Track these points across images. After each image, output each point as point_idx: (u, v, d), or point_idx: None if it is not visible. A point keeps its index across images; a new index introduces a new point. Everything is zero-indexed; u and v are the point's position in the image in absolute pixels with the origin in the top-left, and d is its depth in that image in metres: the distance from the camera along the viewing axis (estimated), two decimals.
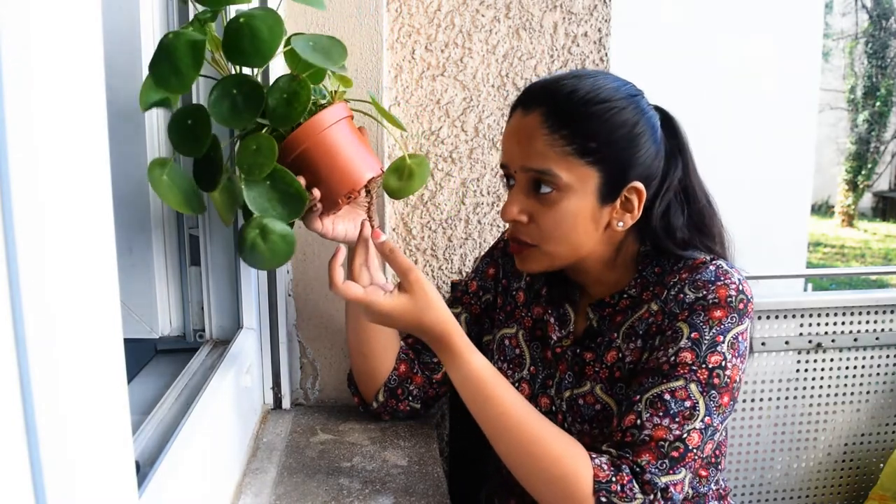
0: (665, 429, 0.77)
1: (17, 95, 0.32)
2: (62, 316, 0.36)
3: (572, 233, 0.84)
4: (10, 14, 0.31)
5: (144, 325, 0.96)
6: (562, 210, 0.82)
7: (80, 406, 0.38)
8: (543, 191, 0.82)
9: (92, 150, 0.40)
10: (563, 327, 0.93)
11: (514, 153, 0.84)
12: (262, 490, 0.87)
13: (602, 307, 0.90)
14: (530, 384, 0.94)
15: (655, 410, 0.78)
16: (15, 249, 0.32)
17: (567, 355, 0.91)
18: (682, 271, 0.84)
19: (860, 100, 10.17)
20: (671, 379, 0.78)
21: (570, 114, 0.81)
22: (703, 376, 0.78)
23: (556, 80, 0.85)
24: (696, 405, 0.77)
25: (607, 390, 0.87)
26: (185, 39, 0.70)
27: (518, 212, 0.84)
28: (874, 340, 1.54)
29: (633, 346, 0.86)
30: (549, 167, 0.81)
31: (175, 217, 1.00)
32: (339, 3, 1.10)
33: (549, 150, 0.81)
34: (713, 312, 0.80)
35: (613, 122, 0.81)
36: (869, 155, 10.23)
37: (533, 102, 0.83)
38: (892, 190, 11.36)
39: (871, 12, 10.18)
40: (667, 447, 0.76)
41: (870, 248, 9.07)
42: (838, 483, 1.61)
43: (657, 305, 0.85)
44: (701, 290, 0.81)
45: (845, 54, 10.33)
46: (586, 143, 0.81)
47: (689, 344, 0.79)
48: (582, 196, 0.82)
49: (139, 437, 0.70)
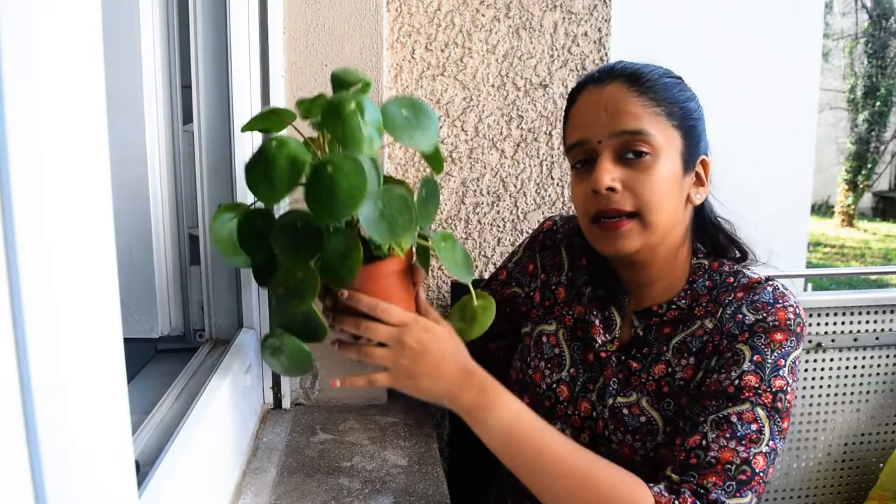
0: (732, 451, 0.75)
1: (17, 95, 0.32)
2: (62, 316, 0.36)
3: (669, 199, 0.82)
4: (11, 14, 0.31)
5: (144, 325, 0.96)
6: (658, 173, 0.80)
7: (80, 406, 0.38)
8: (636, 156, 0.80)
9: (92, 150, 0.40)
10: (609, 332, 0.91)
11: (600, 122, 0.82)
12: (262, 490, 0.87)
13: (649, 316, 0.88)
14: (570, 386, 0.91)
15: (722, 432, 0.76)
16: (15, 249, 0.32)
17: (612, 361, 0.89)
18: (737, 290, 0.84)
19: (860, 100, 10.17)
20: (737, 402, 0.77)
21: (651, 81, 0.82)
22: (767, 400, 0.77)
23: (616, 62, 0.87)
24: (762, 429, 0.76)
25: (653, 403, 0.85)
26: (287, 153, 0.68)
27: (612, 179, 0.80)
28: (874, 340, 1.54)
29: (685, 362, 0.84)
30: (644, 127, 0.80)
31: (175, 217, 1.00)
32: (339, 3, 1.10)
33: (642, 111, 0.81)
34: (774, 335, 0.79)
35: (684, 94, 0.85)
36: (869, 155, 10.23)
37: (607, 77, 0.84)
38: (892, 190, 11.36)
39: (871, 12, 10.18)
40: (734, 470, 0.75)
41: (870, 248, 9.07)
42: (838, 483, 1.61)
43: (712, 324, 0.84)
44: (760, 311, 0.81)
45: (845, 54, 10.33)
46: (671, 108, 0.82)
47: (752, 367, 0.78)
48: (672, 160, 0.82)
49: (139, 436, 0.70)
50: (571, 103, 0.88)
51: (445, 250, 0.79)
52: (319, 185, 0.66)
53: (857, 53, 10.24)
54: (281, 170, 0.68)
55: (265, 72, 1.02)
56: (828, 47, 9.79)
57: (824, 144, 9.26)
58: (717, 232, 0.90)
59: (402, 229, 0.71)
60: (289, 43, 1.08)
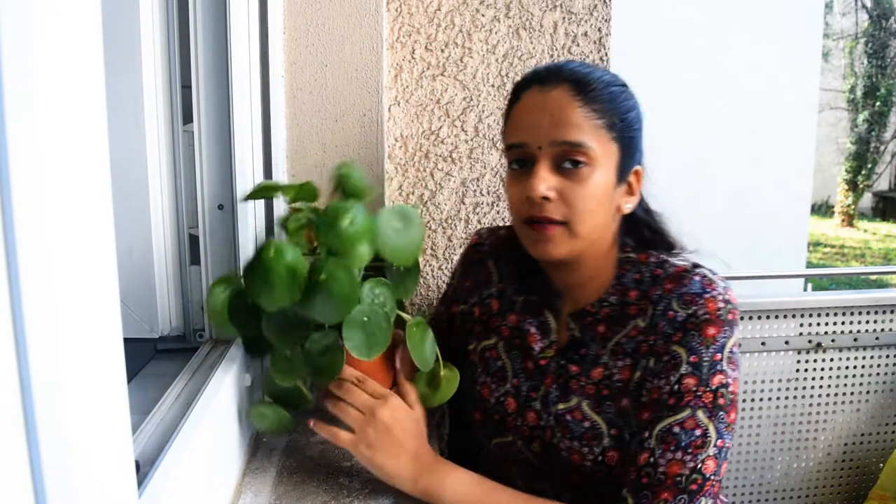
0: (679, 462, 0.76)
1: (17, 95, 0.32)
2: (62, 315, 0.36)
3: (599, 210, 0.82)
4: (11, 14, 0.31)
5: (144, 325, 0.96)
6: (591, 184, 0.81)
7: (80, 406, 0.38)
8: (573, 165, 0.80)
9: (92, 150, 0.40)
10: (546, 336, 0.91)
11: (542, 128, 0.81)
12: (262, 490, 0.87)
13: (583, 316, 0.89)
14: (515, 397, 0.92)
15: (667, 445, 0.77)
16: (15, 250, 0.32)
17: (551, 367, 0.89)
18: (665, 282, 0.84)
19: (860, 100, 10.17)
20: (677, 410, 0.77)
21: (597, 90, 0.82)
22: (707, 400, 0.77)
23: (565, 63, 0.86)
24: (706, 432, 0.76)
25: (594, 407, 0.85)
26: (285, 262, 0.71)
27: (547, 188, 0.81)
28: (874, 340, 1.54)
29: (621, 363, 0.85)
30: (584, 139, 0.80)
31: (175, 217, 1.00)
32: (339, 3, 1.10)
33: (584, 122, 0.80)
34: (707, 330, 0.79)
35: (627, 103, 0.84)
36: (869, 155, 10.23)
37: (553, 79, 0.83)
38: (891, 190, 11.36)
39: (871, 12, 10.18)
40: (684, 482, 0.75)
41: (869, 248, 9.07)
42: (838, 483, 1.61)
43: (644, 322, 0.84)
44: (690, 305, 0.81)
45: (845, 54, 10.33)
46: (612, 119, 0.81)
47: (689, 369, 0.78)
48: (607, 171, 0.82)
49: (139, 436, 0.70)
50: (515, 100, 0.86)
51: (415, 337, 0.84)
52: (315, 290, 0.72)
53: (857, 53, 10.24)
54: (280, 278, 0.71)
55: (265, 72, 1.02)
56: (828, 47, 9.79)
57: (824, 144, 9.27)
58: (642, 226, 0.90)
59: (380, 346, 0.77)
60: (289, 43, 1.08)
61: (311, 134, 1.11)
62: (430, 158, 1.26)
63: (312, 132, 1.11)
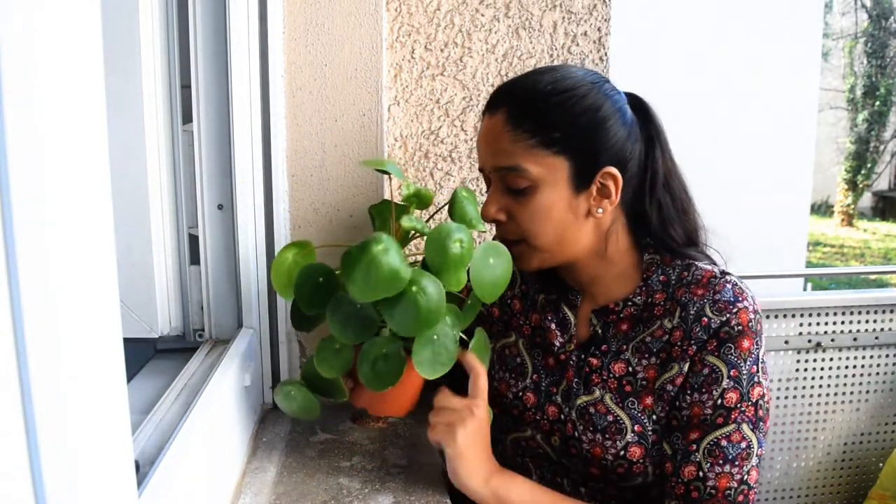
0: (728, 475, 0.78)
1: (17, 95, 0.32)
2: (62, 315, 0.36)
3: (550, 224, 0.84)
4: (11, 14, 0.31)
5: (144, 325, 0.96)
6: (536, 202, 0.83)
7: (79, 405, 0.38)
8: (517, 187, 0.83)
9: (92, 150, 0.40)
10: (565, 332, 0.92)
11: (486, 155, 0.86)
12: (261, 490, 0.87)
13: (606, 314, 0.89)
14: (535, 392, 0.93)
15: (715, 459, 0.79)
16: (15, 249, 0.32)
17: (572, 361, 0.90)
18: (694, 287, 0.84)
19: (860, 99, 10.17)
20: (724, 424, 0.80)
21: (532, 108, 0.82)
22: (750, 413, 0.80)
23: (519, 78, 0.87)
24: (750, 444, 0.79)
25: (617, 402, 0.86)
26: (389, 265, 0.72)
27: (496, 211, 0.85)
28: (874, 340, 1.54)
29: (645, 362, 0.85)
30: (516, 163, 0.82)
31: (175, 217, 1.00)
32: (339, 3, 1.10)
33: (513, 146, 0.82)
34: (742, 343, 0.80)
35: (575, 109, 0.82)
36: (868, 154, 10.24)
37: (497, 104, 0.85)
38: (891, 189, 11.37)
39: (870, 12, 10.18)
40: (734, 494, 0.78)
41: (869, 247, 9.08)
42: (838, 482, 1.62)
43: (671, 323, 0.84)
44: (724, 312, 0.81)
45: (845, 54, 10.33)
46: (550, 134, 0.81)
47: (731, 384, 0.80)
48: (555, 186, 0.82)
49: (139, 436, 0.70)
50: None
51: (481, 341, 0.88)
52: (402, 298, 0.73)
53: (857, 53, 10.25)
54: (382, 276, 0.72)
55: (265, 71, 1.02)
56: (828, 47, 9.79)
57: (824, 144, 9.27)
58: (648, 223, 0.88)
59: (444, 366, 0.79)
60: (288, 42, 1.08)
61: (311, 134, 1.11)
62: (429, 158, 1.26)
63: (312, 132, 1.11)
